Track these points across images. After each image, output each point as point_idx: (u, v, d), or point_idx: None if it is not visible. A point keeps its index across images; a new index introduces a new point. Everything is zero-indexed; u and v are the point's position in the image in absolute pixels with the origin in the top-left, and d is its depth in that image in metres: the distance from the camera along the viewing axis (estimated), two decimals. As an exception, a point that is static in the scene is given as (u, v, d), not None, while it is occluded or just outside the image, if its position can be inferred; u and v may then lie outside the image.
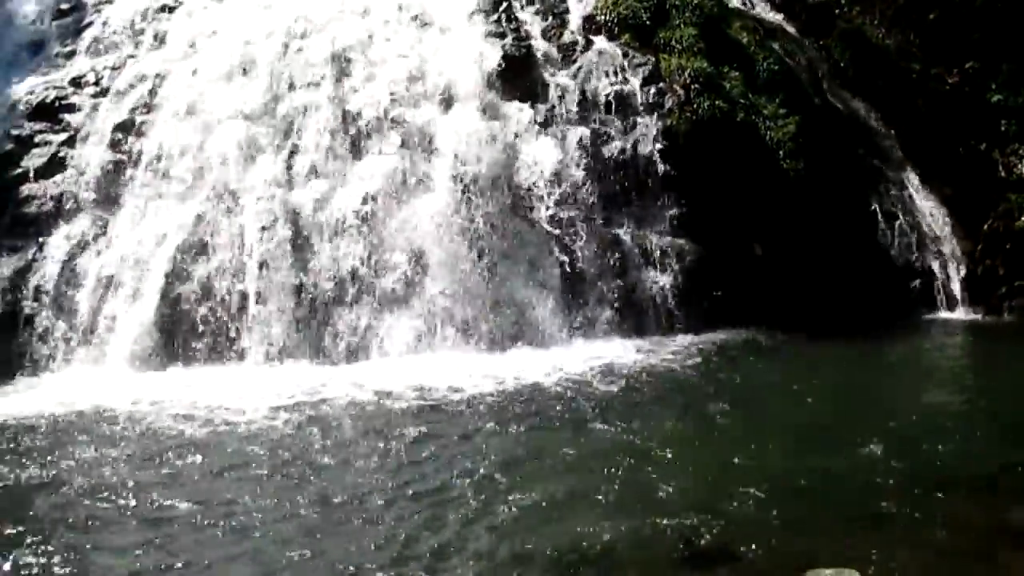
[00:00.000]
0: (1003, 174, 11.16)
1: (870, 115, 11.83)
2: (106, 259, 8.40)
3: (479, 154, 8.96)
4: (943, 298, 10.56)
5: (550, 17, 10.66)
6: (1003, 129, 11.31)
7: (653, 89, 9.98)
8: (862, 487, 4.94)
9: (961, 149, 11.48)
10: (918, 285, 10.58)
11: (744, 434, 5.91)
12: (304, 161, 8.88)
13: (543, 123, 9.52)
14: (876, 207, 10.83)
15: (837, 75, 11.94)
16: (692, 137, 9.72)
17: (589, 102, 9.79)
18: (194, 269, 8.32)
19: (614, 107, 9.81)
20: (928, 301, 10.55)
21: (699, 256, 9.29)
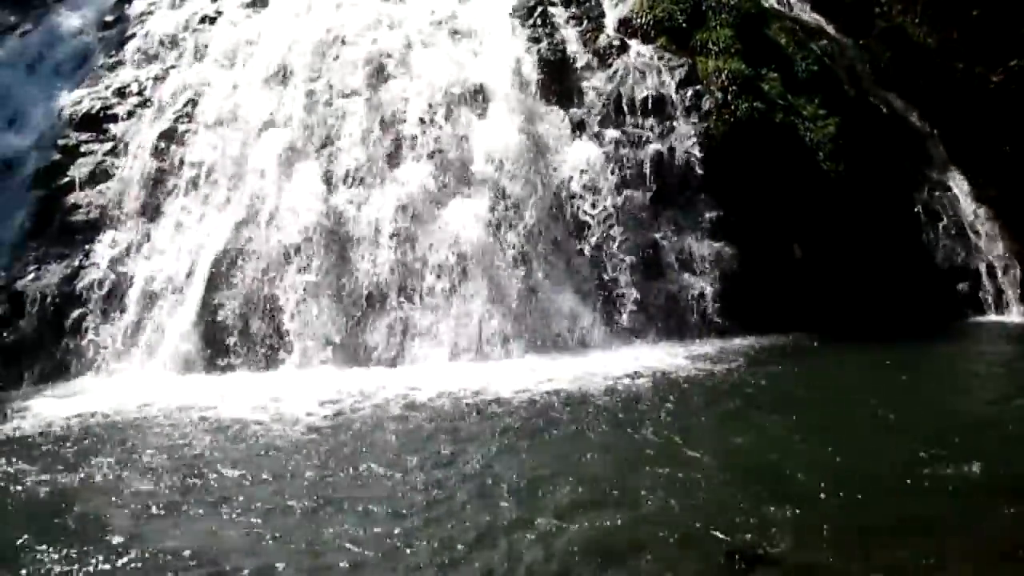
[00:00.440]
0: (1050, 174, 10.91)
1: (912, 115, 11.64)
2: (150, 266, 8.55)
3: (516, 159, 8.97)
4: (991, 301, 10.33)
5: (585, 21, 10.64)
6: (1050, 128, 11.06)
7: (690, 91, 9.91)
8: (909, 493, 4.83)
9: (1007, 148, 11.24)
10: (965, 288, 10.36)
11: (788, 439, 5.81)
12: (342, 168, 8.96)
13: (580, 127, 9.51)
14: (919, 208, 10.65)
15: (877, 75, 11.77)
16: (730, 139, 9.63)
17: (626, 106, 9.76)
18: (234, 276, 8.43)
19: (651, 110, 9.75)
20: (975, 304, 10.34)
21: (738, 259, 9.20)
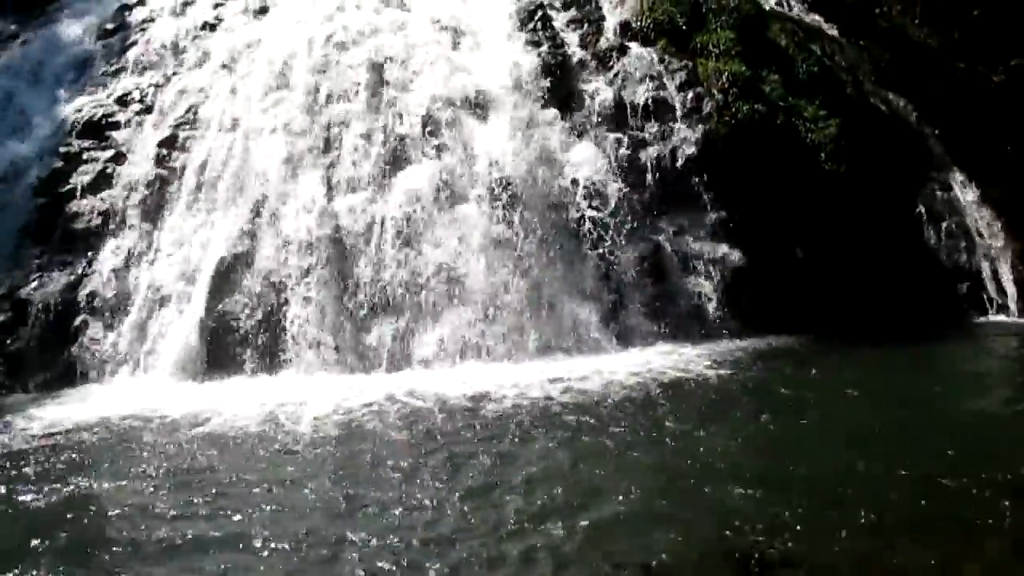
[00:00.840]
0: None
1: (913, 115, 11.63)
2: (153, 272, 8.56)
3: (517, 162, 8.97)
4: (994, 301, 10.32)
5: (585, 24, 10.66)
6: (1052, 127, 11.05)
7: (691, 94, 9.91)
8: (920, 494, 4.81)
9: (1009, 148, 11.23)
10: (966, 288, 10.35)
11: (795, 441, 5.80)
12: (344, 172, 8.96)
13: (580, 130, 9.51)
14: (921, 209, 10.64)
15: (878, 75, 11.77)
16: (731, 141, 9.63)
17: (626, 108, 9.76)
18: (237, 281, 8.43)
19: (652, 113, 9.76)
20: (977, 304, 10.33)
21: (740, 261, 9.19)
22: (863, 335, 8.82)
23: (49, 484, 5.37)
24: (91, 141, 9.59)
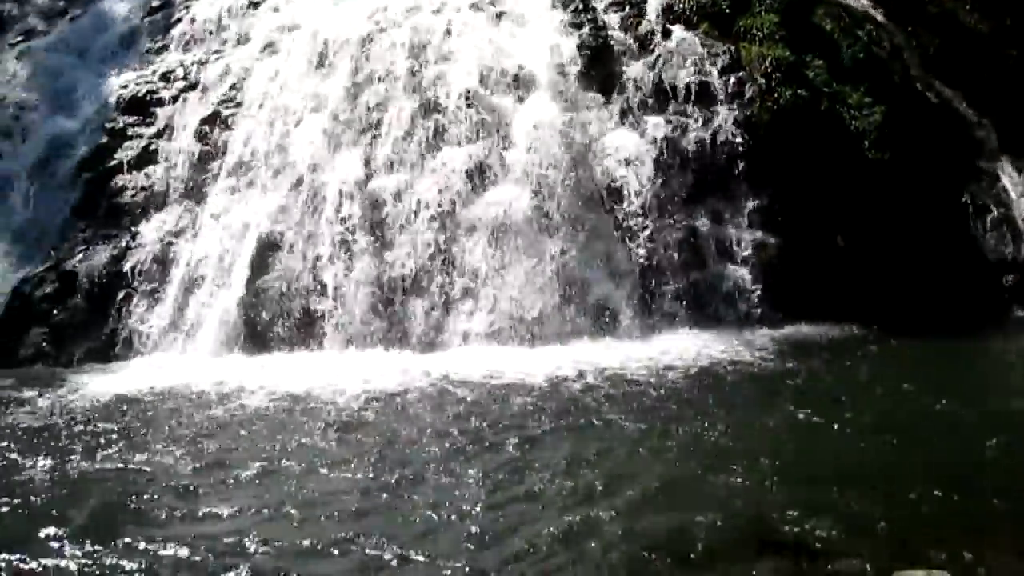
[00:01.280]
0: (1106, 165, 10.60)
1: (962, 103, 11.33)
2: (194, 248, 8.70)
3: (555, 145, 8.94)
4: (1041, 294, 10.08)
5: (627, 7, 10.51)
6: (1107, 117, 10.72)
7: (733, 78, 9.76)
8: (953, 488, 4.75)
9: (1061, 139, 10.93)
10: (1011, 281, 10.13)
11: (830, 432, 5.75)
12: (383, 152, 8.99)
13: (620, 114, 9.43)
14: (967, 199, 10.40)
15: (926, 62, 11.48)
16: (773, 127, 9.50)
17: (667, 92, 9.65)
18: (277, 259, 8.54)
19: (693, 97, 9.62)
20: (1022, 298, 10.09)
21: (780, 249, 9.07)
22: (904, 326, 8.67)
23: (91, 454, 5.52)
24: (136, 117, 9.76)
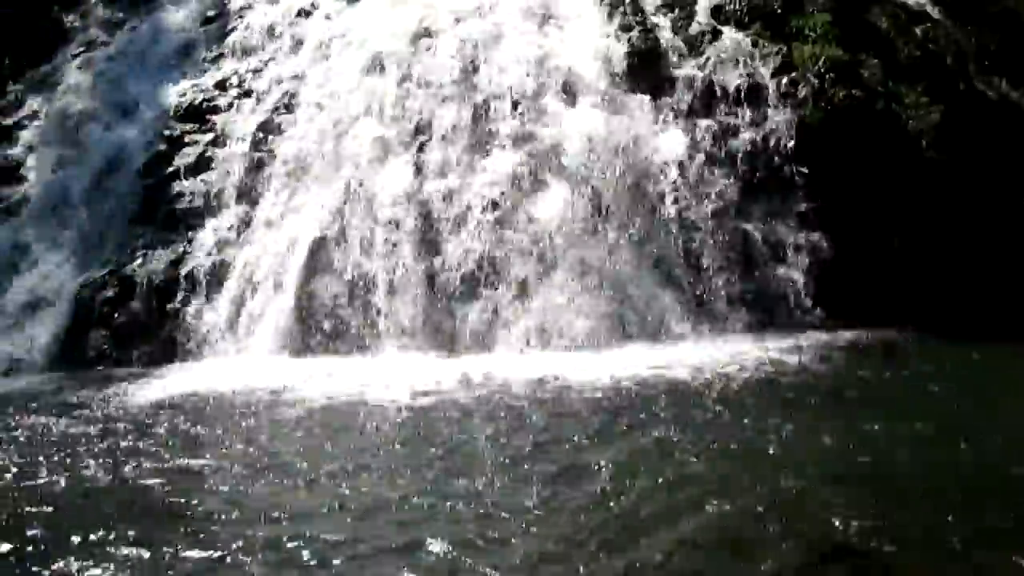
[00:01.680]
0: None
1: (1023, 103, 11.05)
2: (249, 253, 8.90)
3: (605, 148, 8.93)
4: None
5: (677, 9, 10.47)
6: None
7: (785, 79, 9.64)
8: (1014, 501, 4.64)
9: None
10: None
11: (894, 440, 5.60)
12: (433, 157, 9.09)
13: (670, 116, 9.39)
14: (1028, 201, 10.12)
15: (986, 60, 11.20)
16: (826, 127, 9.35)
17: (718, 94, 9.58)
18: (329, 262, 8.69)
19: (744, 98, 9.54)
20: (1088, 303, 9.78)
21: (834, 251, 8.93)
22: (959, 331, 8.45)
23: (149, 456, 5.61)
24: (192, 125, 10.02)
